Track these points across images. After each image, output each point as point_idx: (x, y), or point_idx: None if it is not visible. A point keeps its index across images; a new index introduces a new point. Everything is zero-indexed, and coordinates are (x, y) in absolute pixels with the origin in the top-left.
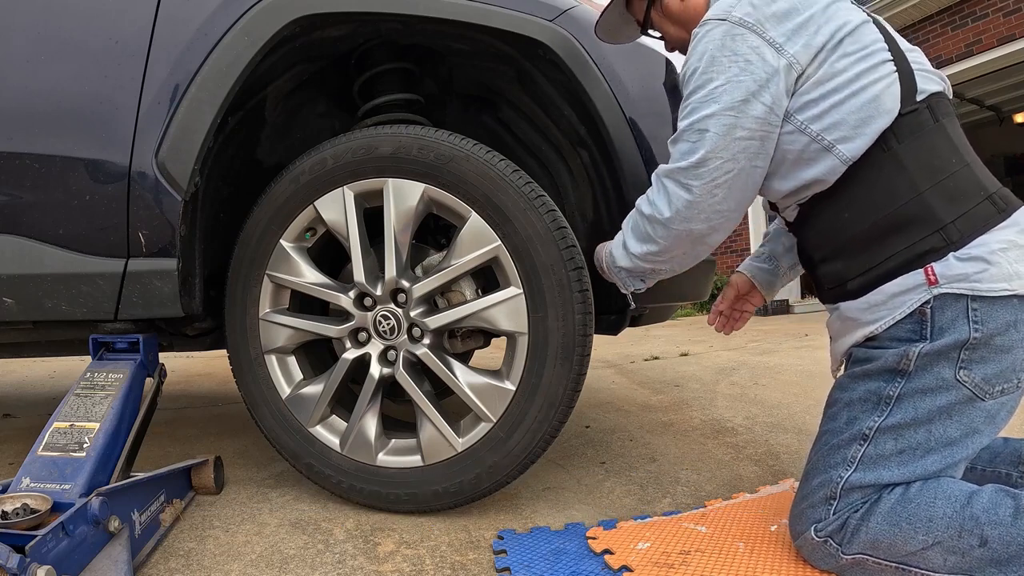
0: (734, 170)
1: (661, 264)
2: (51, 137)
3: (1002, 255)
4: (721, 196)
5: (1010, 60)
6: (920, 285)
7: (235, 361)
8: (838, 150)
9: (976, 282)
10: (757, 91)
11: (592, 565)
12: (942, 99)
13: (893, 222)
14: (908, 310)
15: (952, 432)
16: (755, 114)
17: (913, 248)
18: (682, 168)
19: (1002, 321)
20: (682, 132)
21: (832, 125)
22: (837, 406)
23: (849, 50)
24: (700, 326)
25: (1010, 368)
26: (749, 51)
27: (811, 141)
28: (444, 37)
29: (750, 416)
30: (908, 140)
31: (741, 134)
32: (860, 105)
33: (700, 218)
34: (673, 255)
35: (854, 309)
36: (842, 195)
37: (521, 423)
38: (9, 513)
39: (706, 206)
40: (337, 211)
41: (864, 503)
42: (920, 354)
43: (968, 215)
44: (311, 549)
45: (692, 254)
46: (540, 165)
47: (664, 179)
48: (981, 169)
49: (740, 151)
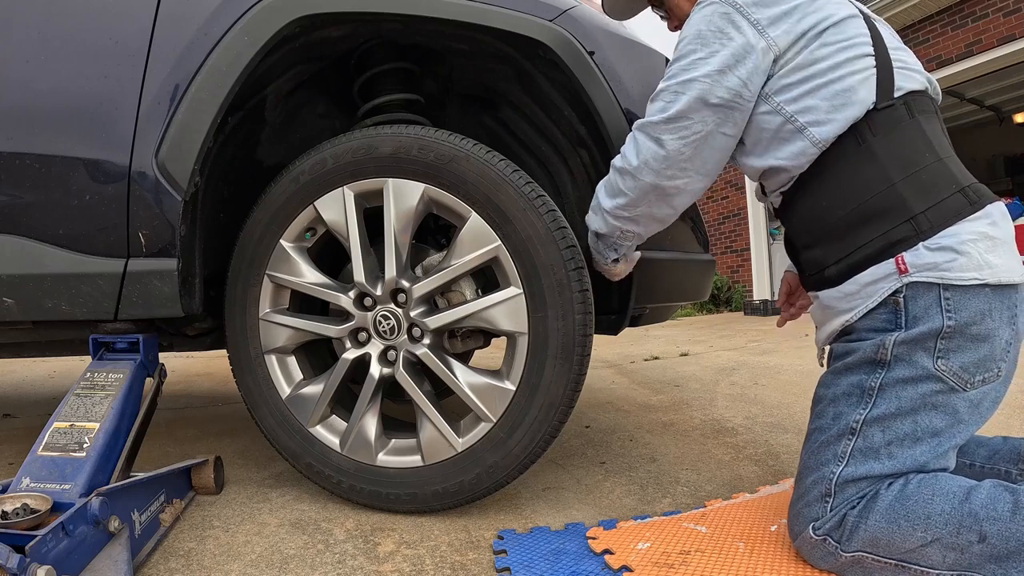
0: (702, 132)
1: (630, 224)
2: (51, 137)
3: (972, 245)
4: (688, 155)
5: (1010, 60)
6: (891, 274)
7: (235, 361)
8: (810, 132)
9: (946, 271)
10: (733, 64)
11: (592, 565)
12: (922, 97)
13: (866, 212)
14: (880, 298)
15: (938, 422)
16: (728, 84)
17: (885, 236)
18: (654, 122)
19: (975, 310)
20: (660, 92)
21: (806, 108)
22: (823, 403)
23: (830, 40)
24: (700, 326)
25: (989, 357)
26: (732, 29)
27: (785, 121)
28: (444, 37)
29: (750, 416)
30: (883, 134)
31: (714, 101)
32: (834, 93)
33: (666, 173)
34: (640, 211)
35: (832, 298)
36: (820, 184)
37: (521, 423)
38: (9, 513)
39: (673, 161)
40: (337, 211)
41: (861, 499)
42: (896, 343)
43: (939, 206)
44: (311, 549)
45: (659, 215)
46: (540, 165)
47: (636, 132)
48: (956, 165)
49: (710, 115)
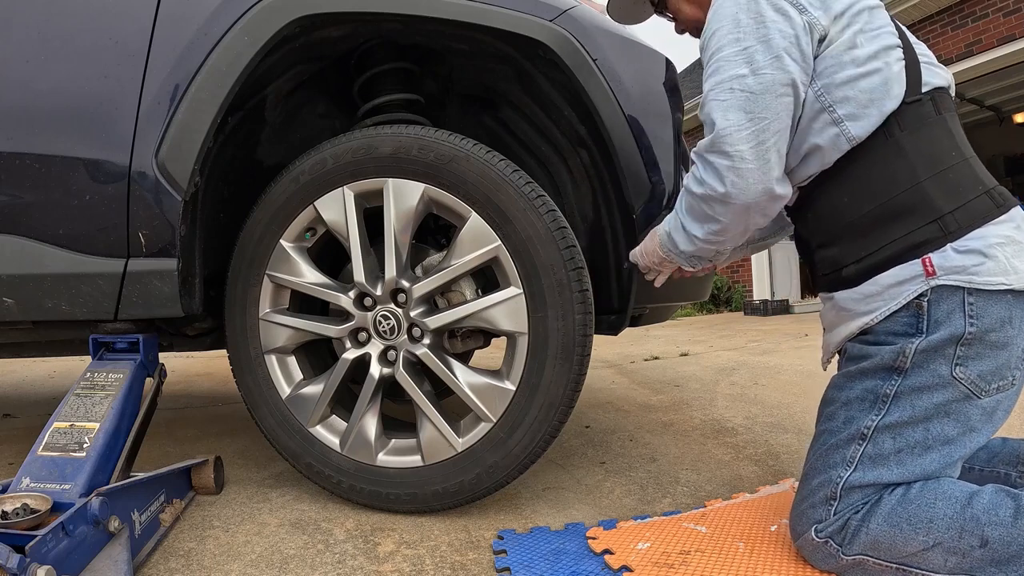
0: (780, 129)
1: (724, 244)
2: (51, 137)
3: (999, 249)
4: (775, 159)
5: (1010, 60)
6: (917, 276)
7: (235, 361)
8: (845, 127)
9: (973, 275)
10: (788, 47)
11: (592, 565)
12: (945, 94)
13: (891, 209)
14: (904, 301)
15: (950, 430)
16: (790, 69)
17: (910, 237)
18: (722, 137)
19: (997, 316)
20: (711, 99)
21: (844, 99)
22: (834, 405)
23: (866, 27)
24: (700, 326)
25: (1005, 365)
26: (773, 13)
27: (823, 110)
28: (444, 37)
29: (750, 416)
30: (910, 129)
31: (780, 91)
32: (873, 86)
33: (757, 188)
34: (736, 231)
35: (849, 299)
36: (842, 179)
37: (521, 423)
38: (9, 513)
39: (761, 172)
40: (337, 211)
41: (865, 504)
42: (916, 351)
43: (966, 207)
44: (311, 549)
45: (752, 225)
46: (540, 165)
47: (707, 154)
48: (979, 166)
49: (783, 109)
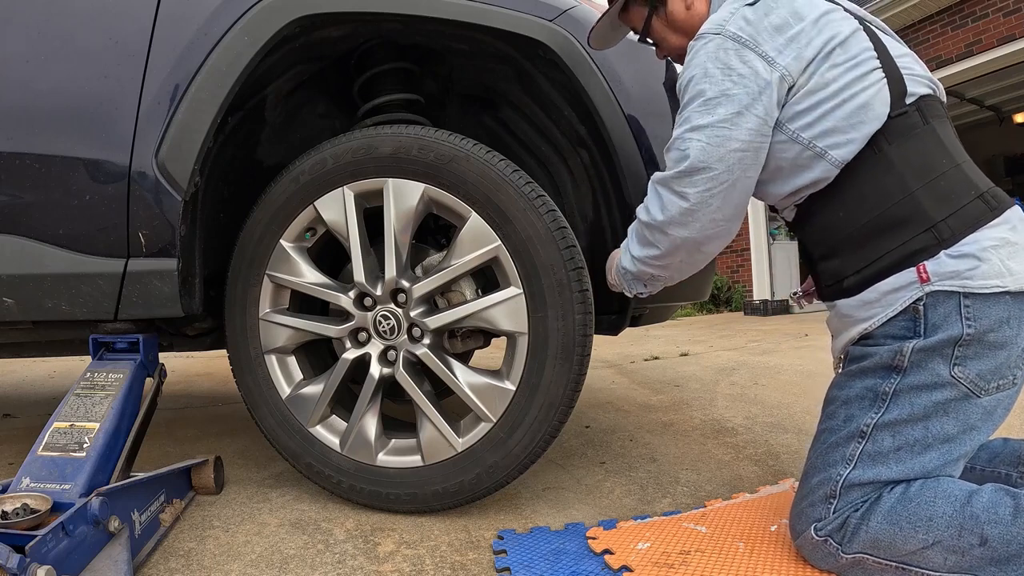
0: (728, 181)
1: (661, 270)
2: (51, 137)
3: (993, 252)
4: (716, 205)
5: (1010, 60)
6: (912, 283)
7: (235, 361)
8: (830, 155)
9: (968, 279)
10: (750, 104)
11: (592, 565)
12: (932, 102)
13: (885, 221)
14: (901, 307)
15: (949, 429)
16: (749, 126)
17: (905, 247)
18: (674, 176)
19: (994, 318)
20: (675, 141)
21: (823, 132)
22: (835, 404)
23: (839, 60)
24: (700, 326)
25: (1005, 364)
26: (742, 65)
27: (804, 148)
28: (444, 37)
29: (750, 416)
30: (898, 142)
31: (735, 146)
32: (850, 112)
33: (695, 226)
34: (672, 261)
35: (850, 306)
36: (836, 195)
37: (521, 423)
38: (9, 513)
39: (701, 215)
40: (337, 211)
41: (864, 502)
42: (914, 350)
43: (959, 213)
44: (311, 549)
45: (690, 262)
46: (540, 165)
47: (658, 186)
48: (973, 169)
49: (735, 163)
